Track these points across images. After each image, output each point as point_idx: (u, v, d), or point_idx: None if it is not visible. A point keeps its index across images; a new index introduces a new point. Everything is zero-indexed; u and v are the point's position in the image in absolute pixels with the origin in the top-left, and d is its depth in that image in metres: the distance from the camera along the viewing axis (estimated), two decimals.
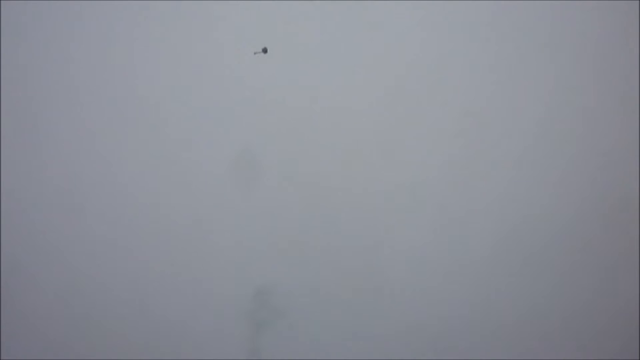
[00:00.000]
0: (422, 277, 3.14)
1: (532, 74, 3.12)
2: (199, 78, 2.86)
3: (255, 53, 2.82)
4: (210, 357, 3.00)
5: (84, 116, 2.82)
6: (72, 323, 2.90)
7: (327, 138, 3.01)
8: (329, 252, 3.05)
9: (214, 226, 2.95)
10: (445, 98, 3.07)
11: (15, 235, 2.81)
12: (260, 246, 2.99)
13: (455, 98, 3.08)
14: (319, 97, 2.97)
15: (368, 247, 3.08)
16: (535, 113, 3.15)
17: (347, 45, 2.97)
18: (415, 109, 3.06)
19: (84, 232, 2.86)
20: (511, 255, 3.20)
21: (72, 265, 2.87)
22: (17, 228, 2.81)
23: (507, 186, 3.16)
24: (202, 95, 2.88)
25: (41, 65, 2.75)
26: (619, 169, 3.22)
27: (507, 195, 3.17)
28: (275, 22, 2.88)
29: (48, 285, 2.87)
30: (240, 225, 2.97)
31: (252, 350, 3.01)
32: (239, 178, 2.94)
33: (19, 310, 2.85)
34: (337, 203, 3.04)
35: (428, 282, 3.15)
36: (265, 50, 2.80)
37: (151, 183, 2.88)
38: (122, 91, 2.82)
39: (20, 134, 2.78)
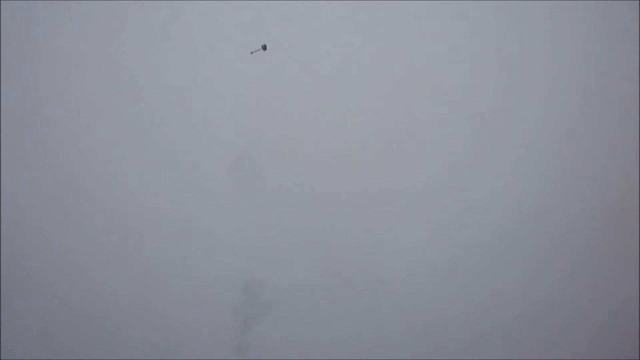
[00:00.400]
0: (421, 277, 3.13)
1: (532, 74, 3.12)
2: (198, 77, 2.86)
3: (252, 52, 2.82)
4: (199, 353, 2.99)
5: (84, 116, 2.82)
6: (72, 322, 2.90)
7: (327, 138, 3.00)
8: (328, 252, 3.05)
9: (212, 225, 2.95)
10: (446, 98, 3.07)
11: (15, 235, 2.81)
12: (259, 245, 2.99)
13: (455, 98, 3.08)
14: (318, 97, 2.97)
15: (368, 247, 3.08)
16: (535, 113, 3.15)
17: (347, 45, 2.97)
18: (415, 109, 3.06)
19: (82, 231, 2.86)
20: (511, 255, 3.20)
21: (72, 264, 2.87)
22: (17, 228, 2.81)
23: (507, 186, 3.16)
24: (201, 95, 2.88)
25: (38, 65, 2.75)
26: (619, 169, 3.22)
27: (507, 195, 3.16)
28: (275, 22, 2.88)
29: (48, 285, 2.87)
30: (238, 224, 2.97)
31: (240, 346, 3.01)
32: (236, 176, 2.94)
33: (19, 310, 2.85)
34: (337, 202, 3.04)
35: (427, 282, 3.14)
36: (264, 48, 2.80)
37: (149, 182, 2.88)
38: (120, 91, 2.82)
39: (20, 133, 2.78)
